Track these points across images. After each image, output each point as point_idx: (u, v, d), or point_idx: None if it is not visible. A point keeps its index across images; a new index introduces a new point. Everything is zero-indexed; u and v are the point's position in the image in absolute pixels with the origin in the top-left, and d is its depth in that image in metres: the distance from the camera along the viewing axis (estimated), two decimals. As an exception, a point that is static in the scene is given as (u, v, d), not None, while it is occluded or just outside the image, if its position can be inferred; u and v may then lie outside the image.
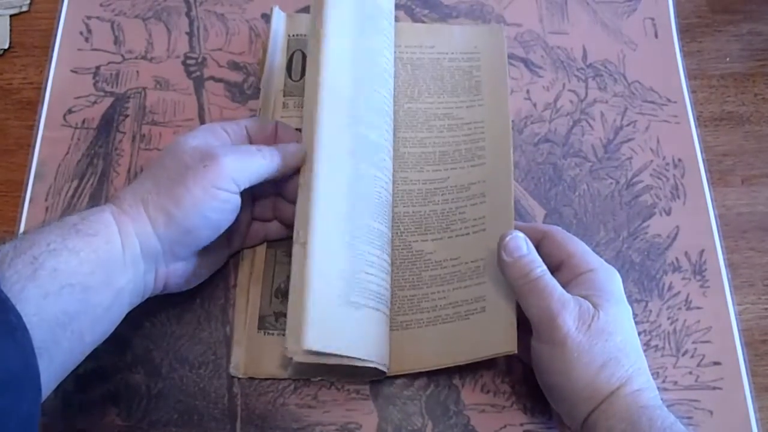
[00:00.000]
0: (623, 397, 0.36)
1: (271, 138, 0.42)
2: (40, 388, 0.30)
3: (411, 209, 0.46)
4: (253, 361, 0.43)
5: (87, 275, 0.33)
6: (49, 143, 0.49)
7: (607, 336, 0.36)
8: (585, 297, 0.38)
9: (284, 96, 0.48)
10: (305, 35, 0.50)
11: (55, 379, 0.33)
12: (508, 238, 0.39)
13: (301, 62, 0.49)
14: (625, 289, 0.40)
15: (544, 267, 0.39)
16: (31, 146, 0.49)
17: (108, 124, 0.50)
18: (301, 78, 0.49)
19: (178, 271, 0.39)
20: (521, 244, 0.39)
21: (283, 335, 0.39)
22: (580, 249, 0.40)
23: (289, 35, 0.50)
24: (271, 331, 0.43)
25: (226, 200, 0.37)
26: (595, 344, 0.36)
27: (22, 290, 0.30)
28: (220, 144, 0.39)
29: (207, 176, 0.36)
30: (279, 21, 0.50)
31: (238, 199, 0.37)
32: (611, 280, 0.39)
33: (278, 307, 0.44)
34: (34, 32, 0.53)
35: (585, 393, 0.36)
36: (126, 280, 0.35)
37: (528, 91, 0.52)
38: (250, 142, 0.42)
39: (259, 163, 0.38)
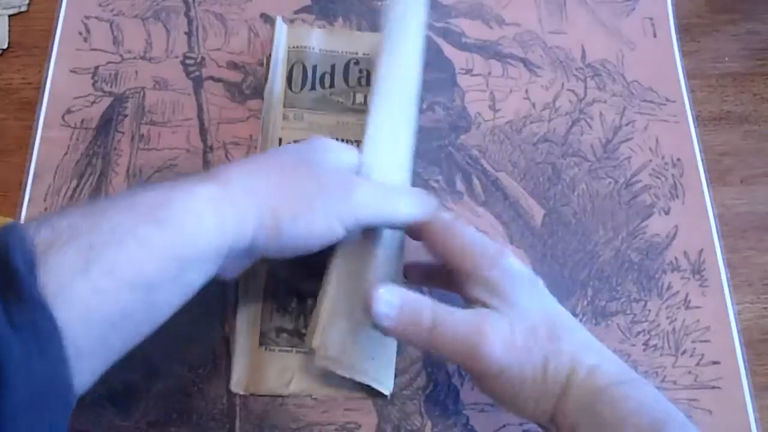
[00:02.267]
0: (577, 386, 0.32)
1: None
2: (70, 401, 0.26)
3: None
4: (254, 377, 0.42)
5: (154, 273, 0.28)
6: (48, 143, 0.49)
7: (532, 330, 0.33)
8: (486, 303, 0.33)
9: (285, 107, 0.49)
10: (305, 47, 0.51)
11: (90, 382, 0.29)
12: (373, 302, 0.33)
13: (301, 74, 0.50)
14: (624, 288, 0.40)
15: (429, 302, 0.33)
16: (29, 146, 0.48)
17: (107, 124, 0.49)
18: (301, 90, 0.49)
19: (229, 266, 0.35)
20: (389, 298, 0.33)
21: (285, 351, 0.42)
22: (458, 245, 0.35)
23: (289, 47, 0.51)
24: (272, 347, 0.43)
25: (336, 233, 0.34)
26: (530, 347, 0.32)
27: (69, 284, 0.25)
28: (355, 171, 0.36)
29: (335, 205, 0.34)
30: (281, 33, 0.51)
31: (343, 234, 0.34)
32: (497, 266, 0.34)
33: (279, 323, 0.43)
34: (33, 32, 0.53)
35: (541, 404, 0.33)
36: (196, 276, 0.31)
37: (527, 91, 0.52)
38: None
39: (393, 211, 0.35)
